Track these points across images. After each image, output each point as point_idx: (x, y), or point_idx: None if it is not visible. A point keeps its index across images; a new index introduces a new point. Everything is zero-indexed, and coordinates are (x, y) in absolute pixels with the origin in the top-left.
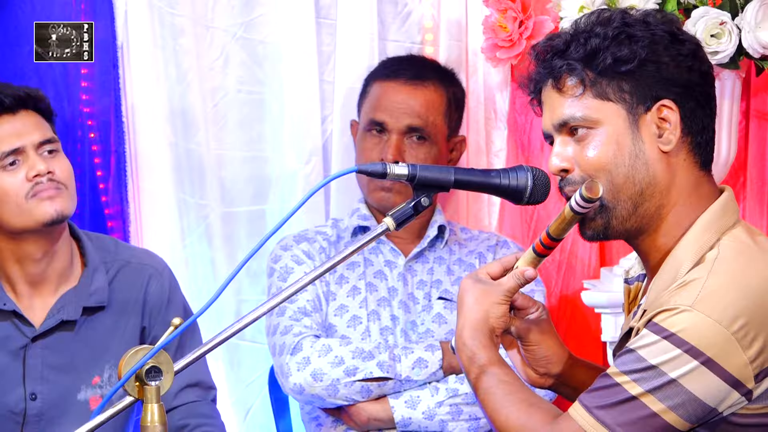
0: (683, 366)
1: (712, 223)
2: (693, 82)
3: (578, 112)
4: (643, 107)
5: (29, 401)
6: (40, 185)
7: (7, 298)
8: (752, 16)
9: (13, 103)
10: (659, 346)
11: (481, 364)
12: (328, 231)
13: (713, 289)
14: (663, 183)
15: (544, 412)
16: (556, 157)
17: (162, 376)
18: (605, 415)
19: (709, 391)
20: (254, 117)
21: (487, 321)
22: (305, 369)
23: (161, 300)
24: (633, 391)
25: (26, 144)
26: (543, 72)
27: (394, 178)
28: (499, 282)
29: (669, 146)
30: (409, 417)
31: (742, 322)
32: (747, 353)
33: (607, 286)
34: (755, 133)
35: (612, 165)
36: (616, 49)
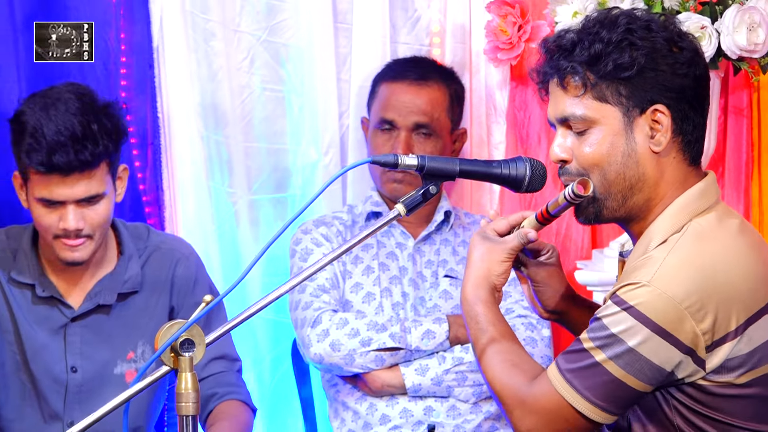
0: (640, 335)
1: (686, 206)
2: (687, 87)
3: (578, 110)
4: (638, 110)
5: (70, 373)
6: (66, 236)
7: (47, 283)
8: (730, 22)
9: (66, 167)
10: (619, 316)
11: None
12: (345, 216)
13: (670, 267)
14: (652, 179)
15: (525, 373)
16: (558, 147)
17: (194, 347)
18: (574, 378)
19: (664, 357)
20: (277, 113)
21: (489, 278)
22: (324, 340)
23: (188, 281)
24: (598, 357)
25: (67, 200)
26: (550, 70)
27: (405, 168)
28: (504, 240)
29: (659, 147)
30: (419, 383)
31: (695, 298)
32: (699, 326)
33: (598, 266)
34: (732, 127)
35: (605, 162)
36: (617, 55)
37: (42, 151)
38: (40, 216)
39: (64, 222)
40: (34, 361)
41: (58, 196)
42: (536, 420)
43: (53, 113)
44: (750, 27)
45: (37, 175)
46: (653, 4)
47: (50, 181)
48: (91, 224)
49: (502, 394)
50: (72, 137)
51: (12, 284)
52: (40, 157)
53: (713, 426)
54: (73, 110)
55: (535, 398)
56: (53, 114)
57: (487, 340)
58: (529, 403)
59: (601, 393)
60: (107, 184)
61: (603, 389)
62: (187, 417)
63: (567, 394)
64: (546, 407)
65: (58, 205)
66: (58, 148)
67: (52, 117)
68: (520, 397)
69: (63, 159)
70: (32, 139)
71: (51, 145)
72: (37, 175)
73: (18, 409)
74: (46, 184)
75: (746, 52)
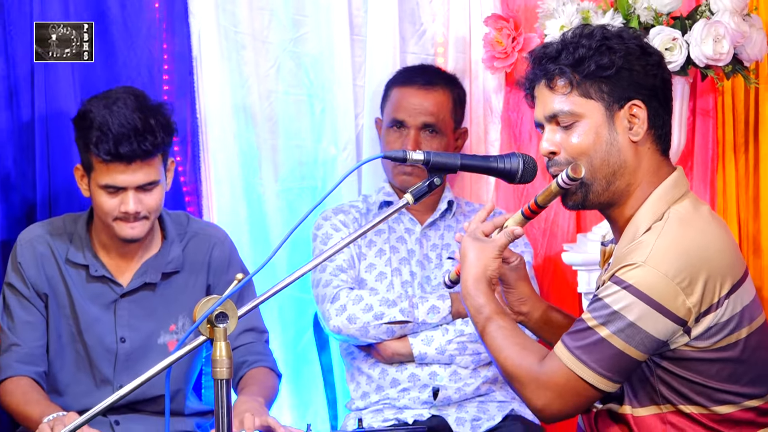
0: (638, 310)
1: (663, 196)
2: (657, 87)
3: (566, 106)
4: (617, 105)
5: (120, 343)
6: (126, 217)
7: (99, 264)
8: (698, 34)
9: (129, 155)
10: (619, 294)
11: (486, 314)
12: (360, 205)
13: (660, 248)
14: (631, 166)
15: (534, 354)
16: (546, 142)
17: (228, 320)
18: (582, 354)
19: (660, 329)
20: (301, 114)
21: (485, 273)
22: (342, 314)
23: (223, 263)
24: (602, 333)
25: (128, 186)
26: (538, 73)
27: (413, 162)
28: (493, 239)
29: (637, 137)
30: (424, 352)
31: (685, 274)
32: (689, 300)
33: (582, 249)
34: (700, 127)
35: (591, 150)
36: (598, 58)
37: (109, 142)
38: (103, 201)
39: (125, 205)
40: (87, 332)
41: (121, 183)
42: (550, 395)
43: (116, 110)
44: (715, 39)
45: (103, 165)
46: (630, 19)
47: (114, 169)
48: (147, 207)
49: (515, 374)
50: (134, 130)
51: (68, 264)
52: (107, 147)
53: (691, 389)
54: (132, 107)
55: (548, 375)
56: (116, 110)
57: (493, 326)
58: (542, 380)
59: (607, 365)
60: (161, 173)
61: (609, 361)
62: (221, 381)
63: (577, 369)
64: (558, 383)
65: (119, 190)
66: (123, 139)
67: (115, 113)
68: (533, 376)
69: (127, 148)
70: (99, 132)
71: (116, 137)
72: (102, 164)
73: (73, 374)
74: (111, 172)
75: (712, 60)
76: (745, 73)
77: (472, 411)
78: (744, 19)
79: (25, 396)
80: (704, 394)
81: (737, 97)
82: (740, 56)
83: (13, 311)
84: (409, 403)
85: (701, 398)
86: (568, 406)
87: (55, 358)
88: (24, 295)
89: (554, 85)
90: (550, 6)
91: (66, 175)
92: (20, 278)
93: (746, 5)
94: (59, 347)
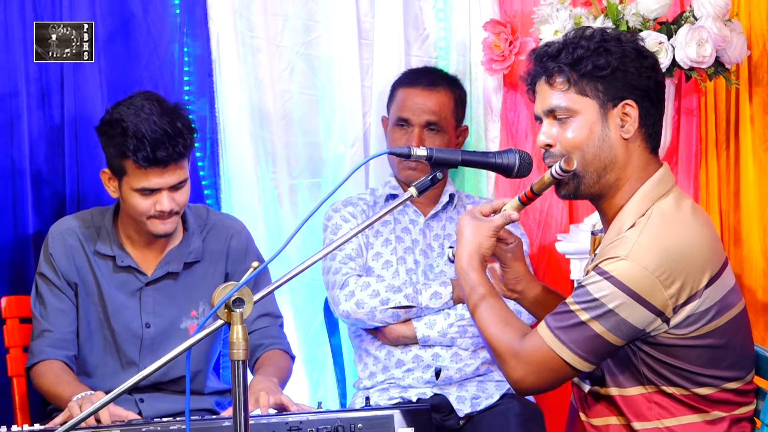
0: (618, 299)
1: (649, 192)
2: (651, 88)
3: (563, 102)
4: (611, 104)
5: (145, 328)
6: (161, 215)
7: (125, 255)
8: (683, 38)
9: (166, 159)
10: (601, 284)
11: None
12: (368, 197)
13: (642, 244)
14: (621, 161)
15: (517, 330)
16: (543, 135)
17: (244, 305)
18: (562, 334)
19: (638, 318)
20: (312, 113)
21: (479, 250)
22: (351, 299)
23: (240, 252)
24: (582, 317)
25: (162, 187)
26: (539, 70)
27: (417, 158)
28: (491, 219)
29: (628, 134)
30: (427, 335)
31: (664, 269)
32: (667, 292)
33: (575, 238)
34: (684, 125)
35: (584, 145)
36: (596, 58)
37: (146, 149)
38: (137, 203)
39: (160, 205)
40: (114, 318)
41: (156, 185)
42: (527, 369)
43: (144, 116)
44: (699, 42)
45: (140, 170)
46: (620, 24)
47: (151, 173)
48: (178, 204)
49: (497, 348)
50: (166, 135)
51: (96, 255)
52: (145, 154)
53: (673, 372)
54: (158, 113)
55: (527, 351)
56: (144, 117)
57: (478, 298)
58: (522, 355)
59: (584, 346)
60: (188, 172)
61: (586, 343)
62: (238, 361)
63: (556, 347)
64: (537, 359)
65: (154, 192)
66: (159, 144)
67: (145, 120)
68: (514, 351)
69: (164, 153)
70: (135, 139)
71: (153, 143)
72: (139, 169)
73: (101, 357)
74: (147, 176)
75: (696, 63)
76: (726, 74)
77: (472, 390)
78: (725, 24)
79: (56, 378)
80: (685, 377)
81: (719, 97)
82: (722, 59)
83: (46, 299)
84: (413, 383)
85: (683, 381)
86: (543, 380)
87: (85, 342)
88: (55, 284)
89: (553, 82)
90: (545, 12)
91: (93, 171)
92: (52, 268)
93: (728, 11)
94: (88, 332)
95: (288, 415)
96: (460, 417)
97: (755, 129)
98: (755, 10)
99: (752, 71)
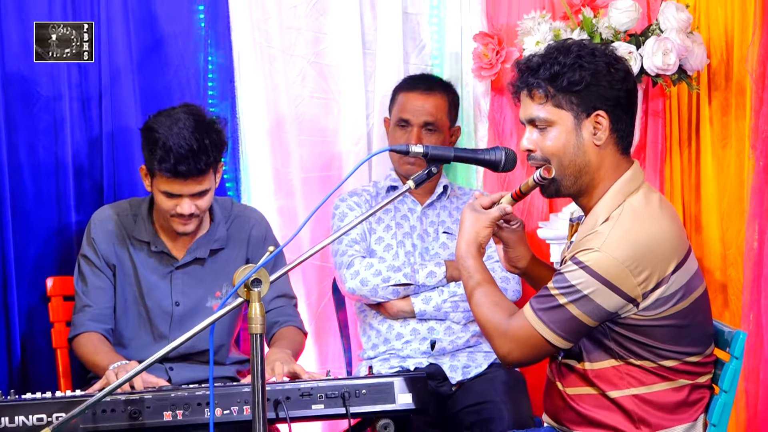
0: (592, 286)
1: (620, 190)
2: (621, 98)
3: (542, 114)
4: (585, 114)
5: (174, 306)
6: (180, 216)
7: (158, 241)
8: (650, 48)
9: (185, 173)
10: (577, 273)
11: (474, 278)
12: (371, 189)
13: (614, 237)
14: (594, 165)
15: (505, 311)
16: (526, 140)
17: (261, 284)
18: (543, 315)
19: (609, 303)
20: (322, 114)
21: (477, 239)
22: (356, 278)
23: (260, 239)
24: (561, 301)
25: (183, 194)
26: (521, 85)
27: (414, 154)
28: (488, 212)
29: (600, 141)
30: (424, 309)
31: (633, 259)
32: (636, 279)
33: (554, 226)
34: (651, 125)
35: (561, 152)
36: (571, 74)
37: (170, 162)
38: (162, 202)
39: (180, 209)
40: (148, 297)
41: (178, 191)
42: (513, 345)
43: (176, 131)
44: (664, 52)
45: (163, 177)
46: (594, 36)
47: (173, 182)
48: (198, 209)
49: (486, 326)
50: (191, 151)
51: (133, 240)
52: (168, 167)
53: (640, 347)
54: (191, 128)
55: (513, 330)
56: (176, 132)
57: (474, 283)
58: (509, 333)
59: (561, 326)
60: (212, 182)
61: (563, 323)
62: (256, 335)
63: (538, 327)
64: (521, 336)
65: (176, 196)
66: (181, 160)
67: (175, 134)
68: (502, 329)
69: (184, 168)
70: (162, 151)
71: (176, 158)
72: (163, 176)
73: (135, 330)
74: (170, 184)
75: (661, 70)
76: (688, 80)
77: (463, 360)
78: (688, 36)
79: (95, 348)
80: (652, 352)
81: (682, 101)
82: (684, 67)
83: (87, 278)
84: (411, 353)
85: (649, 355)
86: (526, 355)
87: (121, 317)
88: (96, 265)
89: (533, 95)
90: (528, 25)
91: (127, 167)
92: (93, 251)
93: (689, 25)
94: (124, 309)
95: (300, 382)
96: (452, 384)
97: (714, 129)
98: (714, 24)
99: (711, 78)
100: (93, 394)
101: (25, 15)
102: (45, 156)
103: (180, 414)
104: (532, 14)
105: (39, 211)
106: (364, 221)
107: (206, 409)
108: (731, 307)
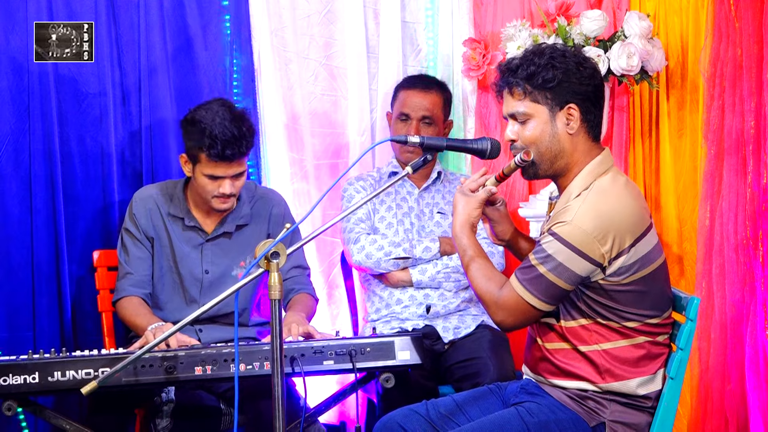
0: (564, 254)
1: (591, 171)
2: (590, 92)
3: (521, 108)
4: (558, 108)
5: (204, 274)
6: (222, 196)
7: (191, 216)
8: (616, 52)
9: (231, 157)
10: (552, 243)
11: (469, 255)
12: (375, 174)
13: (583, 212)
14: (568, 151)
15: (496, 283)
16: (509, 132)
17: (280, 256)
18: (527, 283)
19: (581, 268)
20: (332, 110)
21: (469, 220)
22: (361, 252)
23: (279, 217)
24: (540, 269)
25: (225, 176)
26: (502, 83)
27: (412, 144)
28: (476, 195)
29: (573, 130)
30: (420, 279)
31: (600, 229)
32: (603, 248)
33: (533, 206)
34: (617, 119)
35: (539, 141)
36: (545, 73)
37: (217, 148)
38: (205, 184)
39: (222, 189)
40: (181, 265)
41: (222, 173)
42: (505, 312)
43: (218, 121)
44: (628, 55)
45: (210, 162)
46: (567, 41)
47: (219, 165)
48: (237, 188)
49: (482, 297)
50: (233, 137)
51: (169, 216)
52: (216, 152)
53: (606, 310)
54: (229, 118)
55: (504, 299)
56: (218, 122)
57: (469, 259)
58: (500, 302)
59: (544, 292)
60: (246, 164)
61: (545, 289)
62: (274, 300)
63: (524, 294)
64: (511, 304)
65: (219, 178)
66: (227, 145)
67: (218, 124)
68: (494, 299)
69: (230, 152)
70: (210, 139)
71: (223, 144)
72: (209, 161)
73: (170, 295)
74: (214, 167)
75: (626, 71)
76: (649, 80)
77: (454, 321)
78: (649, 41)
79: (135, 310)
80: (616, 314)
81: (643, 98)
82: (646, 68)
83: (129, 249)
84: (409, 316)
85: (614, 316)
86: (518, 320)
87: (158, 283)
88: (137, 237)
89: (513, 93)
90: (510, 32)
91: (163, 154)
92: (134, 225)
93: (650, 31)
94: (161, 276)
95: (313, 342)
96: (445, 342)
97: (671, 121)
98: (671, 31)
99: (669, 77)
100: (133, 352)
101: (73, 20)
102: (92, 145)
103: (209, 369)
104: (514, 22)
105: (87, 193)
106: (369, 202)
107: (232, 365)
108: (686, 275)
